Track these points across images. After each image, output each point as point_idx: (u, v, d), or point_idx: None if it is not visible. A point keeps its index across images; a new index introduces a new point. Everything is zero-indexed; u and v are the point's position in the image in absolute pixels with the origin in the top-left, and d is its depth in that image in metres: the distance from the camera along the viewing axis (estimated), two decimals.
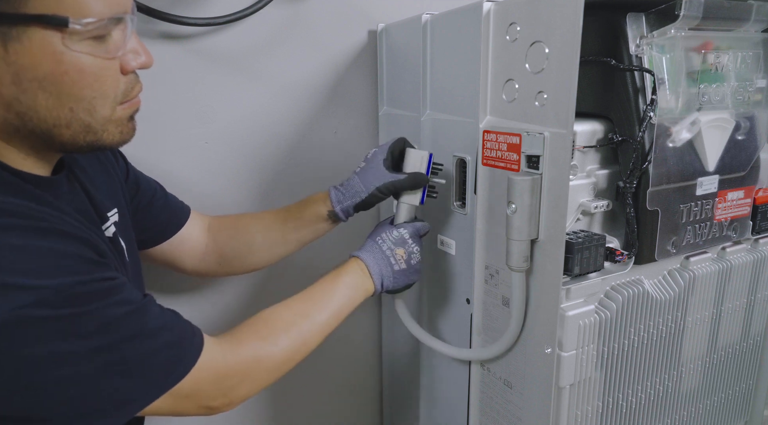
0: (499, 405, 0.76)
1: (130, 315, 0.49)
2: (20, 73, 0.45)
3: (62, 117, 0.48)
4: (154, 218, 0.77)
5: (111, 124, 0.51)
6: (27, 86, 0.45)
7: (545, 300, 0.65)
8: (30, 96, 0.46)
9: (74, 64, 0.46)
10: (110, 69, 0.49)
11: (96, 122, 0.49)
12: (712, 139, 0.73)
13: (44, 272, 0.43)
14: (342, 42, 0.97)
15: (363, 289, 0.71)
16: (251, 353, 0.59)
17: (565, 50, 0.58)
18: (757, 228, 0.83)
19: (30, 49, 0.44)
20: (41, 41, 0.44)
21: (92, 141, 0.50)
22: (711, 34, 0.70)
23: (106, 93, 0.49)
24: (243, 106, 0.92)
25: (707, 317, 0.82)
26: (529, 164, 0.64)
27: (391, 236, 0.74)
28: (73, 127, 0.49)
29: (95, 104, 0.49)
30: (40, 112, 0.47)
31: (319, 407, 1.13)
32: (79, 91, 0.47)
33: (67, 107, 0.47)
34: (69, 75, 0.46)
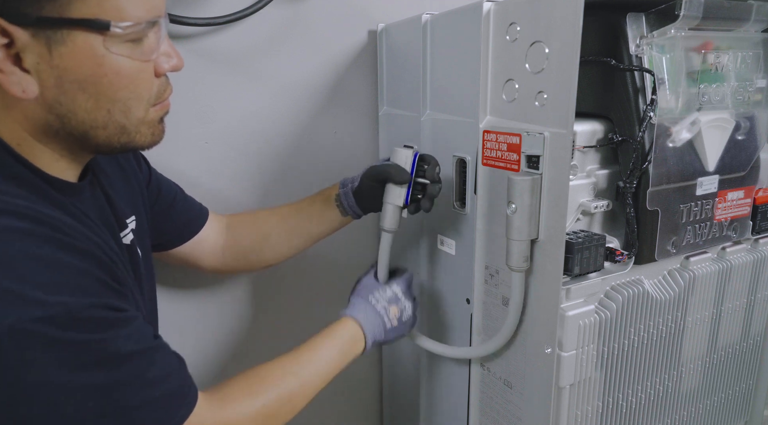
0: (499, 405, 0.76)
1: (137, 355, 0.47)
2: (63, 75, 0.46)
3: (99, 118, 0.49)
4: (174, 222, 0.77)
5: (144, 125, 0.52)
6: (68, 88, 0.47)
7: (545, 300, 0.65)
8: (70, 98, 0.47)
9: (113, 66, 0.47)
10: (145, 71, 0.50)
11: (130, 123, 0.51)
12: (712, 139, 0.73)
13: (61, 287, 0.43)
14: (342, 42, 0.97)
15: (353, 352, 0.72)
16: (240, 409, 0.58)
17: (565, 50, 0.58)
18: (757, 228, 0.83)
19: (73, 52, 0.45)
20: (84, 44, 0.45)
21: (126, 142, 0.52)
22: (711, 34, 0.70)
23: (141, 95, 0.50)
24: (243, 106, 0.92)
25: (707, 317, 0.82)
26: (529, 164, 0.64)
27: (384, 296, 0.75)
28: (109, 128, 0.50)
29: (130, 106, 0.50)
30: (79, 114, 0.48)
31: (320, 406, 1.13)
32: (116, 93, 0.48)
33: (105, 109, 0.49)
34: (108, 77, 0.47)
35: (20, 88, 0.45)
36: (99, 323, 0.45)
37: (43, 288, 0.42)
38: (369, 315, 0.73)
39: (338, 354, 0.70)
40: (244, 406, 0.59)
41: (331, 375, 0.69)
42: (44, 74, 0.46)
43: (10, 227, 0.42)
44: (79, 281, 0.44)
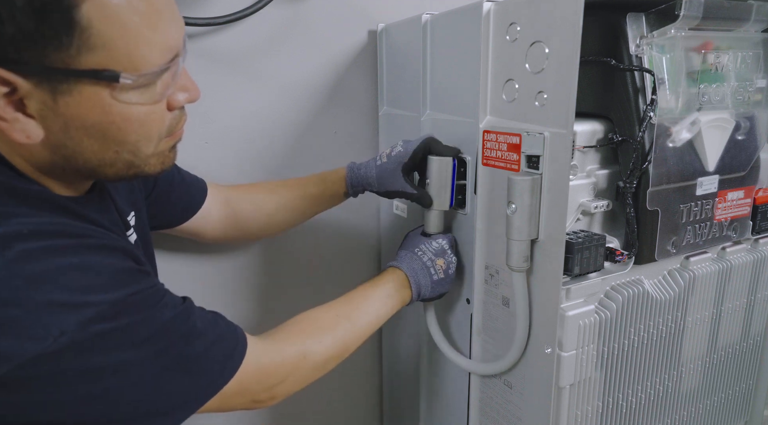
0: (499, 405, 0.76)
1: (177, 318, 0.50)
2: (68, 123, 0.45)
3: (107, 158, 0.48)
4: (175, 204, 0.78)
5: (153, 158, 0.51)
6: (74, 134, 0.46)
7: (545, 300, 0.65)
8: (76, 142, 0.46)
9: (122, 114, 0.46)
10: (156, 112, 0.48)
11: (139, 160, 0.50)
12: (712, 139, 0.73)
13: (101, 287, 0.45)
14: (342, 42, 0.97)
15: (400, 299, 0.73)
16: (296, 350, 0.61)
17: (565, 50, 0.58)
18: (757, 228, 0.83)
19: (79, 102, 0.44)
20: (90, 95, 0.44)
21: (135, 174, 0.51)
22: (711, 34, 0.70)
23: (150, 135, 0.49)
24: (243, 106, 0.92)
25: (707, 317, 0.82)
26: (529, 164, 0.64)
27: (431, 248, 0.76)
28: (117, 165, 0.49)
29: (140, 146, 0.49)
30: (86, 155, 0.47)
31: (320, 406, 1.13)
32: (124, 137, 0.47)
33: (113, 150, 0.48)
34: (116, 124, 0.46)
35: (24, 134, 0.44)
36: (139, 305, 0.47)
37: (87, 291, 0.44)
38: (415, 266, 0.74)
39: (387, 300, 0.71)
40: (302, 345, 0.61)
41: (380, 322, 0.71)
42: (49, 120, 0.44)
43: (39, 247, 0.43)
44: (113, 277, 0.46)
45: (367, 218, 1.08)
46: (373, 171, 0.80)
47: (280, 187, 0.87)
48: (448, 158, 0.75)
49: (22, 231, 0.43)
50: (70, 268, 0.44)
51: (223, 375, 0.53)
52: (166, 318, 0.49)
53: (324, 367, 0.64)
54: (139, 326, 0.47)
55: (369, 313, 0.69)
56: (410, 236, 0.80)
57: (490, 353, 0.76)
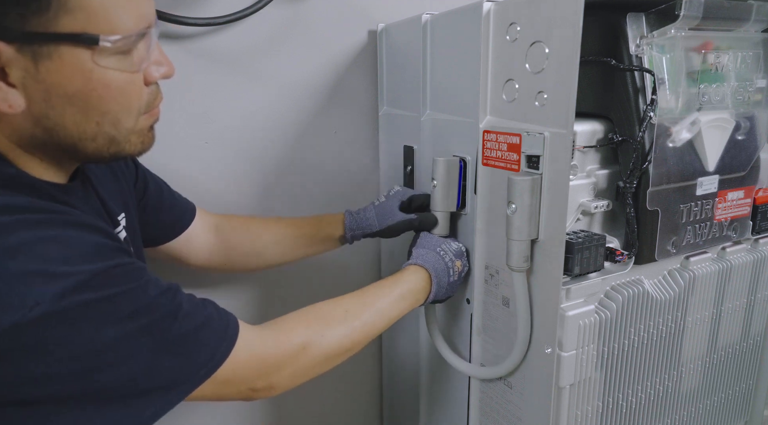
0: (499, 405, 0.76)
1: (164, 295, 0.49)
2: (50, 90, 0.45)
3: (88, 131, 0.48)
4: (162, 218, 0.77)
5: (133, 135, 0.52)
6: (56, 102, 0.46)
7: (545, 300, 0.65)
8: (58, 112, 0.46)
9: (102, 79, 0.46)
10: (135, 82, 0.49)
11: (120, 134, 0.50)
12: (712, 139, 0.73)
13: (80, 258, 0.44)
14: (342, 42, 0.97)
15: (413, 300, 0.71)
16: (297, 340, 0.59)
17: (565, 50, 0.58)
18: (757, 228, 0.83)
19: (60, 67, 0.44)
20: (72, 58, 0.44)
21: (115, 152, 0.51)
22: (711, 34, 0.70)
23: (131, 106, 0.50)
24: (243, 106, 0.92)
25: (707, 317, 0.82)
26: (529, 164, 0.64)
27: (451, 248, 0.75)
28: (98, 140, 0.49)
29: (120, 118, 0.49)
30: (68, 127, 0.47)
31: (320, 406, 1.13)
32: (105, 106, 0.48)
33: (94, 121, 0.48)
34: (97, 91, 0.46)
35: (6, 103, 0.45)
36: (122, 278, 0.46)
37: (66, 262, 0.43)
38: (438, 266, 0.73)
39: (400, 302, 0.69)
40: (302, 336, 0.59)
41: (390, 323, 0.68)
42: (31, 89, 0.45)
43: (17, 220, 0.43)
44: (93, 250, 0.46)
45: None
46: (371, 212, 0.81)
47: (274, 223, 0.87)
48: (455, 159, 0.75)
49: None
50: (47, 240, 0.43)
51: (215, 358, 0.51)
52: (151, 295, 0.48)
53: (326, 362, 0.62)
54: (122, 299, 0.46)
55: (380, 312, 0.67)
56: (426, 236, 0.78)
57: (490, 353, 0.76)
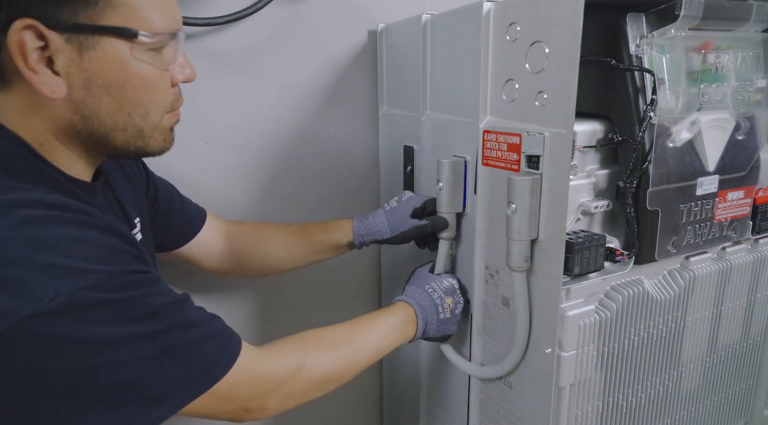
0: (499, 405, 0.76)
1: (173, 305, 0.51)
2: (91, 78, 0.49)
3: (120, 121, 0.52)
4: (173, 224, 0.78)
5: (158, 131, 0.55)
6: (95, 91, 0.50)
7: (545, 300, 0.65)
8: (96, 100, 0.50)
9: (137, 72, 0.51)
10: (164, 79, 0.53)
11: (147, 128, 0.54)
12: (712, 139, 0.73)
13: (99, 259, 0.46)
14: (342, 42, 0.97)
15: (403, 334, 0.72)
16: (292, 361, 0.60)
17: (565, 50, 0.58)
18: (757, 228, 0.83)
19: (102, 57, 0.49)
20: (112, 50, 0.49)
21: (141, 146, 0.55)
22: (711, 34, 0.70)
23: (159, 101, 0.53)
24: (243, 106, 0.92)
25: (707, 317, 0.82)
26: (529, 164, 0.64)
27: (441, 286, 0.76)
28: (128, 131, 0.53)
29: (149, 111, 0.53)
30: (102, 116, 0.51)
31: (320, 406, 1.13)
32: (138, 97, 0.52)
33: (126, 112, 0.52)
34: (131, 82, 0.51)
35: (50, 88, 0.48)
36: (136, 283, 0.48)
37: (86, 261, 0.45)
38: (424, 302, 0.74)
39: (390, 334, 0.70)
40: (299, 359, 0.61)
41: (380, 354, 0.70)
42: (73, 77, 0.48)
43: (42, 215, 0.46)
44: (112, 254, 0.48)
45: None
46: (382, 218, 0.81)
47: (282, 229, 0.87)
48: (460, 160, 0.75)
49: (27, 199, 0.46)
50: (72, 238, 0.46)
51: (217, 369, 0.52)
52: (163, 303, 0.50)
53: (319, 386, 0.63)
54: (135, 303, 0.47)
55: (371, 342, 0.69)
56: (419, 273, 0.80)
57: (489, 353, 0.76)
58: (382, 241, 0.81)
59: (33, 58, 0.46)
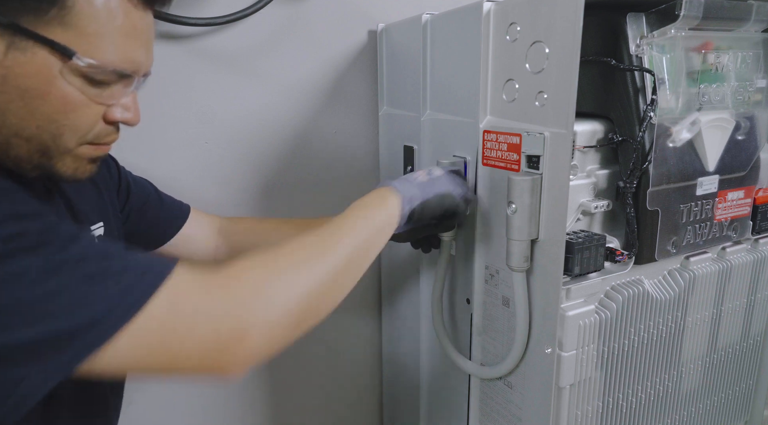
0: (499, 405, 0.76)
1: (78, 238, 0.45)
2: (8, 76, 0.46)
3: (26, 129, 0.48)
4: (150, 221, 0.77)
5: (69, 157, 0.51)
6: (8, 88, 0.46)
7: (545, 300, 0.65)
8: (6, 98, 0.46)
9: (61, 90, 0.47)
10: (92, 109, 0.50)
11: (55, 149, 0.49)
12: (712, 139, 0.73)
13: None
14: (342, 42, 0.97)
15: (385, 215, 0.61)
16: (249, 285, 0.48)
17: (565, 50, 0.58)
18: (757, 228, 0.83)
19: (28, 62, 0.45)
20: (42, 61, 0.46)
21: (43, 164, 0.50)
22: (711, 34, 0.70)
23: (77, 127, 0.49)
24: (243, 106, 0.92)
25: (707, 317, 0.82)
26: (530, 164, 0.64)
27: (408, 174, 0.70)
28: (32, 143, 0.48)
29: (63, 132, 0.49)
30: (8, 117, 0.47)
31: (320, 405, 1.13)
32: (53, 114, 0.48)
33: (35, 123, 0.48)
34: (51, 96, 0.47)
35: None
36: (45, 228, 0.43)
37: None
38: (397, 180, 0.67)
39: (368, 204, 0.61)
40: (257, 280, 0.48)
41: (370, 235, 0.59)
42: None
43: None
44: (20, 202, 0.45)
45: None
46: None
47: (281, 224, 0.86)
48: (459, 160, 0.75)
49: None
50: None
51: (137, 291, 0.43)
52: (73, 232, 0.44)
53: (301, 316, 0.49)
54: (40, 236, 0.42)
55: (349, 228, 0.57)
56: None
57: (490, 353, 0.76)
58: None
59: None
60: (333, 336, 1.10)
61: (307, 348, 1.07)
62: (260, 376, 1.05)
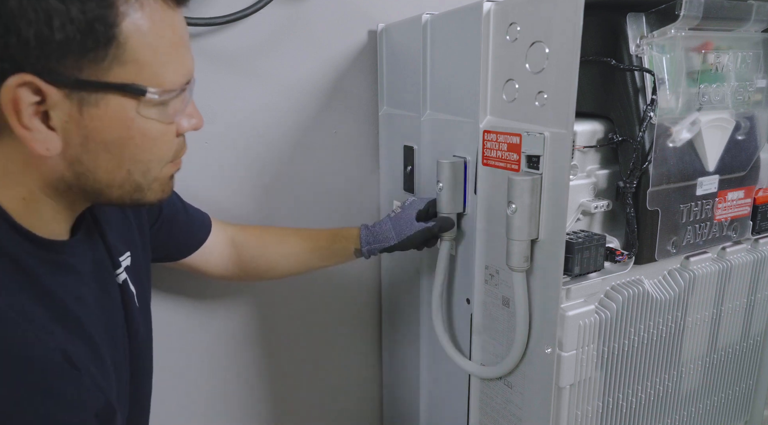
0: (499, 405, 0.76)
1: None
2: (90, 135, 0.45)
3: (118, 178, 0.49)
4: (177, 237, 0.78)
5: (156, 183, 0.52)
6: (92, 148, 0.46)
7: (545, 300, 0.65)
8: (92, 157, 0.46)
9: (141, 129, 0.47)
10: (169, 133, 0.50)
11: (146, 182, 0.50)
12: (712, 139, 0.73)
13: None
14: (342, 42, 0.97)
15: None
16: None
17: (565, 50, 0.58)
18: (757, 228, 0.83)
19: (105, 114, 0.45)
20: (117, 107, 0.45)
21: (137, 199, 0.51)
22: (711, 34, 0.70)
23: (162, 156, 0.50)
24: (243, 106, 0.92)
25: (707, 317, 0.82)
26: (530, 164, 0.64)
27: None
28: (125, 187, 0.49)
29: (151, 167, 0.50)
30: (99, 173, 0.48)
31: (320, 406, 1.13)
32: (140, 155, 0.48)
33: (126, 169, 0.48)
34: (135, 140, 0.47)
35: (44, 146, 0.44)
36: None
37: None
38: None
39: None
40: None
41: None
42: (71, 133, 0.45)
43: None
44: None
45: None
46: (388, 224, 0.80)
47: (291, 235, 0.87)
48: (460, 160, 0.75)
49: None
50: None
51: None
52: None
53: None
54: None
55: None
56: None
57: (490, 353, 0.76)
58: (390, 248, 0.80)
59: (27, 114, 0.42)
60: (333, 336, 1.10)
61: (306, 348, 1.07)
62: (260, 378, 1.05)
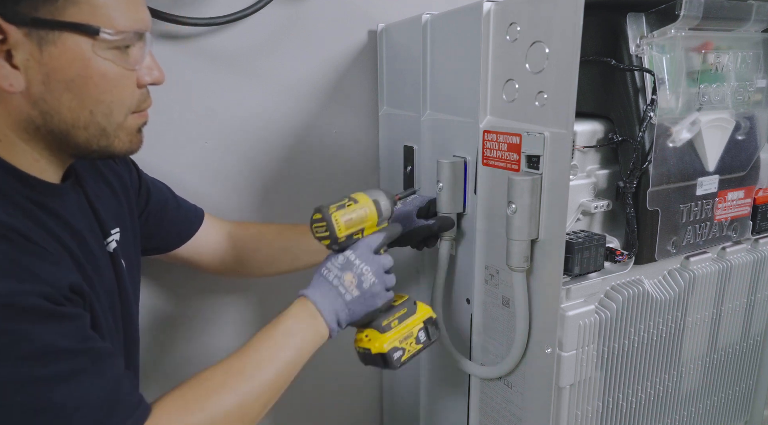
0: (499, 405, 0.76)
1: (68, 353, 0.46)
2: (51, 73, 0.48)
3: (82, 118, 0.51)
4: (167, 226, 0.78)
5: (122, 131, 0.54)
6: (54, 87, 0.49)
7: (545, 300, 0.65)
8: (56, 96, 0.49)
9: (99, 69, 0.50)
10: (129, 79, 0.53)
11: (110, 127, 0.53)
12: (712, 139, 0.73)
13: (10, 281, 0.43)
14: (342, 42, 0.97)
15: (314, 332, 0.61)
16: None
17: (565, 50, 0.58)
18: (757, 228, 0.83)
19: (63, 53, 0.48)
20: (73, 46, 0.48)
21: (104, 146, 0.54)
22: (711, 34, 0.70)
23: (123, 100, 0.53)
24: (243, 106, 0.92)
25: (707, 317, 0.82)
26: (530, 164, 0.64)
27: (336, 263, 0.64)
28: (90, 129, 0.52)
29: (113, 109, 0.52)
30: (63, 112, 0.50)
31: (320, 406, 1.13)
32: (100, 95, 0.51)
33: (88, 109, 0.51)
34: (93, 79, 0.50)
35: (7, 82, 0.48)
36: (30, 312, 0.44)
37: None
38: (323, 289, 0.62)
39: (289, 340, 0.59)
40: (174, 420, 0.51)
41: (291, 366, 0.59)
42: (32, 71, 0.48)
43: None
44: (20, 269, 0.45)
45: None
46: None
47: (288, 230, 0.87)
48: (459, 160, 0.75)
49: None
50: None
51: None
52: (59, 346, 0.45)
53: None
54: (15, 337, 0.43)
55: (275, 364, 0.58)
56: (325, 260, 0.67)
57: (490, 353, 0.76)
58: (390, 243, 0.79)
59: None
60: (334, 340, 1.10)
61: None
62: None
